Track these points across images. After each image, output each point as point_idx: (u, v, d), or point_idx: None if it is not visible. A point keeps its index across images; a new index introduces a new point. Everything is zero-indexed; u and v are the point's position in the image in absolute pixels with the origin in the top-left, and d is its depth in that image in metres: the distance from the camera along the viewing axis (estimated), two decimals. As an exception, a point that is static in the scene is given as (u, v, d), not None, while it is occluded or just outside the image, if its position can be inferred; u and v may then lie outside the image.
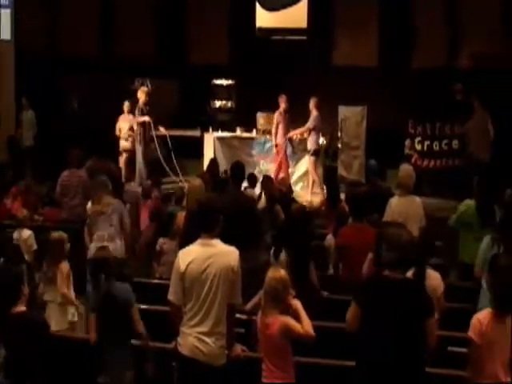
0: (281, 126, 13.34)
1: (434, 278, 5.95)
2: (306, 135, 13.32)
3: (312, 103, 13.01)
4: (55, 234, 6.86)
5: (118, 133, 13.56)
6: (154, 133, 13.44)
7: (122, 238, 7.94)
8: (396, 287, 4.51)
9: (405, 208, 7.60)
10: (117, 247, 7.70)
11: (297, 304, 4.92)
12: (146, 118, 13.09)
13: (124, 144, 13.52)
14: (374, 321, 4.48)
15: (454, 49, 15.82)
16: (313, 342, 4.80)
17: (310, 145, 13.16)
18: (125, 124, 13.49)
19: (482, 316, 4.67)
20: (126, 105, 13.51)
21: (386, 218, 7.57)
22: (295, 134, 13.41)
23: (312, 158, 13.18)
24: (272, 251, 7.10)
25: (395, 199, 7.77)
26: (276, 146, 13.43)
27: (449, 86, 14.29)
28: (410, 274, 5.80)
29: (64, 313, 6.72)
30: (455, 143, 13.36)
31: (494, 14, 15.24)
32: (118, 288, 5.71)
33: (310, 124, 13.02)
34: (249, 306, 5.47)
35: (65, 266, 6.76)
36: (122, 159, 13.48)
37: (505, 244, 6.10)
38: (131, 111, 13.43)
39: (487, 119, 12.72)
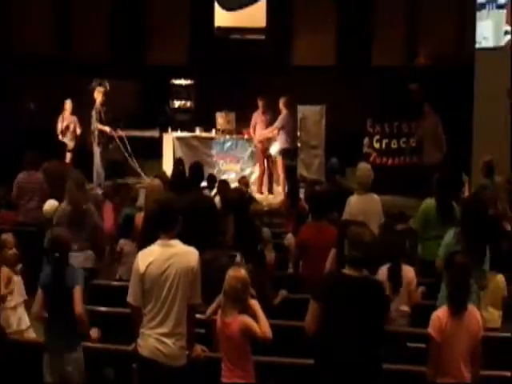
0: (258, 128, 13.37)
1: (408, 271, 6.15)
2: (271, 134, 13.39)
3: (281, 102, 13.10)
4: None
5: (59, 133, 13.33)
6: (114, 134, 13.39)
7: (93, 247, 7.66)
8: (356, 285, 4.56)
9: (364, 206, 7.69)
10: (88, 258, 7.43)
11: (255, 305, 4.92)
12: (107, 129, 13.06)
13: (70, 144, 13.32)
14: (333, 319, 4.52)
15: (412, 48, 15.99)
16: (270, 343, 4.80)
17: (280, 144, 13.24)
18: (66, 124, 13.32)
19: (441, 313, 4.71)
20: (68, 104, 13.35)
21: (345, 216, 7.65)
22: (266, 134, 13.42)
23: (281, 158, 13.25)
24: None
25: (354, 197, 7.85)
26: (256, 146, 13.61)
27: (407, 84, 14.44)
28: (385, 268, 5.91)
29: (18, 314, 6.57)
30: (413, 141, 13.54)
31: (450, 15, 15.48)
32: (69, 268, 5.61)
33: (278, 123, 13.10)
34: (208, 312, 5.47)
35: (4, 271, 6.51)
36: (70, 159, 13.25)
37: (463, 241, 6.17)
38: (73, 110, 13.30)
39: (438, 123, 12.91)
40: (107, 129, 13.07)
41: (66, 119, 13.40)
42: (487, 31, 13.97)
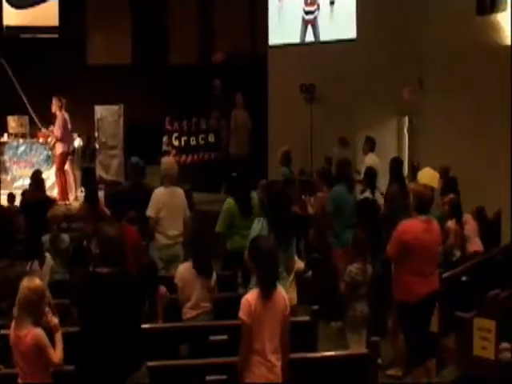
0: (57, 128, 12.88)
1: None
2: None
3: (56, 104, 12.67)
4: None
5: None
6: None
7: None
8: (108, 281, 4.69)
9: (169, 199, 7.70)
10: None
11: (56, 326, 4.76)
12: None
13: None
14: (91, 318, 4.61)
15: (206, 45, 16.25)
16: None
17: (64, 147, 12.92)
18: None
19: (251, 296, 4.77)
20: None
21: (150, 210, 7.61)
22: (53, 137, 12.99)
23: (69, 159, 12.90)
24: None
25: (159, 191, 7.82)
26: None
27: (203, 81, 14.66)
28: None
29: None
30: (211, 137, 13.80)
31: (243, 13, 15.93)
32: None
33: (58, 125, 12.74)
34: None
35: None
36: None
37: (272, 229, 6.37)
38: None
39: (247, 115, 13.34)
40: None
41: None
42: (281, 28, 14.57)
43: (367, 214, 8.02)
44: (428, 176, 7.60)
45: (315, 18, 14.07)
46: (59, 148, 12.61)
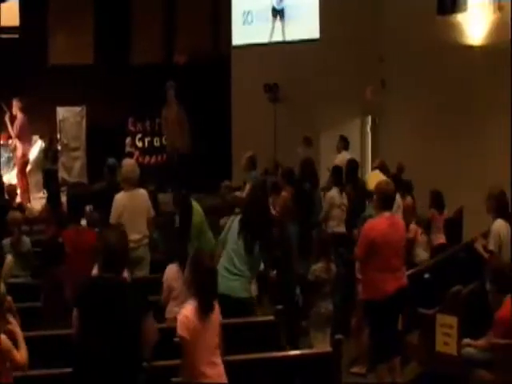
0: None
1: None
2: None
3: (16, 106, 12.52)
4: None
5: None
6: None
7: None
8: (110, 289, 4.54)
9: (130, 201, 7.56)
10: None
11: (17, 333, 4.68)
12: None
13: None
14: (90, 323, 4.47)
15: (169, 45, 16.18)
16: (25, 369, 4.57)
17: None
18: None
19: (189, 312, 4.72)
20: None
21: (111, 217, 7.49)
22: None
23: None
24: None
25: (120, 194, 7.69)
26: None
27: (167, 81, 14.58)
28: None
29: None
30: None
31: (206, 14, 15.89)
32: None
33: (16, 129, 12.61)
34: None
35: None
36: None
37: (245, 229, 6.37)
38: None
39: (182, 110, 13.23)
40: None
41: None
42: (246, 28, 14.57)
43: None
44: (375, 179, 7.72)
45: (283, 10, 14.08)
46: (20, 150, 12.47)
